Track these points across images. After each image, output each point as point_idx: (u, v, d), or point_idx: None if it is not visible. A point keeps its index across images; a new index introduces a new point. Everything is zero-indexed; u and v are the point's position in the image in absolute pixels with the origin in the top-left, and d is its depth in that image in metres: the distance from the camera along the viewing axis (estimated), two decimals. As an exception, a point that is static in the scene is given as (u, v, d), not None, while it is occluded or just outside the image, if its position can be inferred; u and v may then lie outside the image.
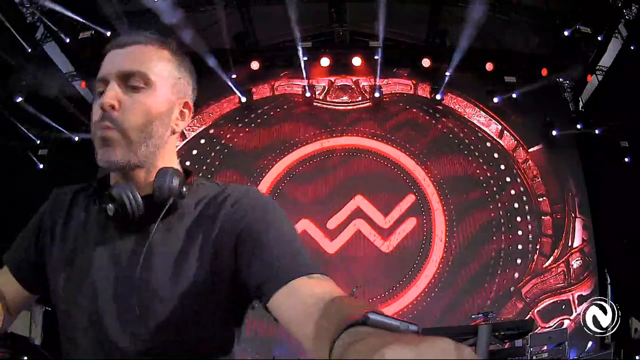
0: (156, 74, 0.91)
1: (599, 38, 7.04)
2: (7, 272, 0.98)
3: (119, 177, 0.92)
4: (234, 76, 7.82)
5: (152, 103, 0.89)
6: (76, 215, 0.96)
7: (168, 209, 0.87)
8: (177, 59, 0.96)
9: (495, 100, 7.92)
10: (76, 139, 7.48)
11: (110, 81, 0.88)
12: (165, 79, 0.92)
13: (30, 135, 6.95)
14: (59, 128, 7.06)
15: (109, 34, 6.74)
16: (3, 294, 0.96)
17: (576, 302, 7.31)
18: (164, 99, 0.91)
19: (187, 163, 8.23)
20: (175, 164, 0.95)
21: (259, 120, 8.17)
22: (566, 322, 7.16)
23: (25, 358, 6.06)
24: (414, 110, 8.24)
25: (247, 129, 8.19)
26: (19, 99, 6.31)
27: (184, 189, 0.89)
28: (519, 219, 7.80)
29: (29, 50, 6.36)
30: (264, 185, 7.90)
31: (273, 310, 0.78)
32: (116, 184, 0.91)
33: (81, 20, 6.53)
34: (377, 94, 7.89)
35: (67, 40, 6.94)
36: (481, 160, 8.04)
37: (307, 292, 0.74)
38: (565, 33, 6.89)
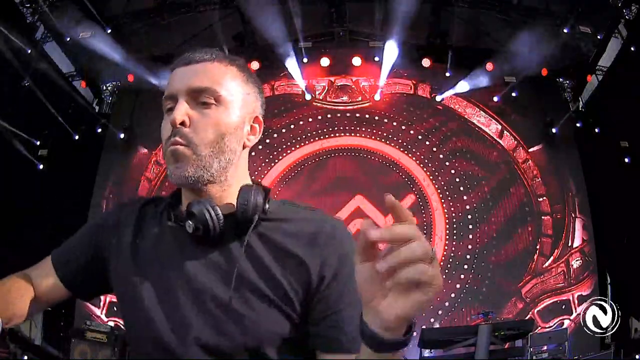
0: (225, 90, 0.91)
1: (599, 38, 7.03)
2: (49, 265, 1.02)
3: (189, 193, 0.92)
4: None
5: (223, 119, 0.90)
6: (147, 230, 0.95)
7: (243, 227, 0.87)
8: (245, 75, 0.97)
9: (495, 99, 7.92)
10: (76, 137, 7.49)
11: (179, 98, 0.89)
12: (234, 94, 0.92)
13: (30, 134, 6.95)
14: (63, 123, 7.04)
15: (109, 31, 6.75)
16: (39, 281, 0.99)
17: (576, 302, 7.31)
18: (234, 114, 0.92)
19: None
20: (247, 179, 0.96)
21: (259, 120, 8.15)
22: (566, 322, 7.16)
23: (25, 358, 6.06)
24: (414, 110, 8.24)
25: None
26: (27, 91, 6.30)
27: (267, 207, 0.89)
28: (519, 218, 7.80)
29: (29, 50, 6.36)
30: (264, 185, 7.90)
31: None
32: (194, 199, 0.89)
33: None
34: (377, 98, 7.90)
35: (67, 40, 6.94)
36: (481, 160, 8.04)
37: None
38: (565, 32, 6.89)
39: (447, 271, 7.49)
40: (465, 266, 7.54)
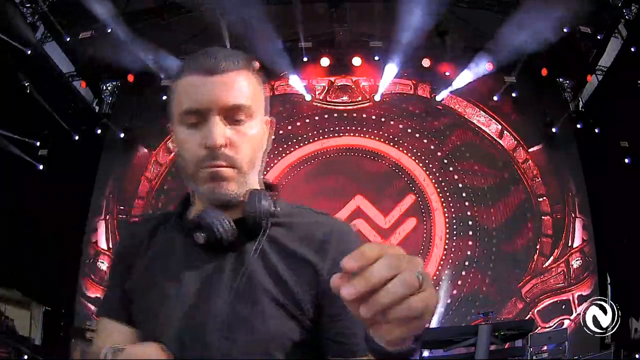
0: (254, 103, 0.89)
1: (599, 38, 7.03)
2: (108, 322, 0.93)
3: (207, 201, 0.89)
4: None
5: (255, 133, 0.89)
6: (158, 244, 0.93)
7: (255, 230, 0.86)
8: (259, 78, 0.93)
9: (495, 98, 7.92)
10: (76, 137, 7.49)
11: (211, 116, 0.84)
12: (259, 104, 0.91)
13: (30, 134, 6.95)
14: (62, 123, 7.04)
15: (109, 30, 6.75)
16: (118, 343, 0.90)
17: (576, 302, 7.31)
18: (260, 124, 0.91)
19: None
20: (259, 180, 0.95)
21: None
22: (566, 322, 7.16)
23: (26, 357, 6.07)
24: (414, 110, 8.24)
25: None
26: (27, 91, 6.30)
27: (277, 209, 0.88)
28: (519, 218, 7.80)
29: (29, 50, 6.36)
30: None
31: None
32: (205, 209, 0.87)
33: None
34: (377, 98, 7.90)
35: (67, 40, 6.94)
36: (481, 160, 8.04)
37: None
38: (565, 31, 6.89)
39: (447, 271, 7.49)
40: (465, 266, 7.54)
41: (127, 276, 0.93)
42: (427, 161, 7.98)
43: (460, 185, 7.90)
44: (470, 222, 7.78)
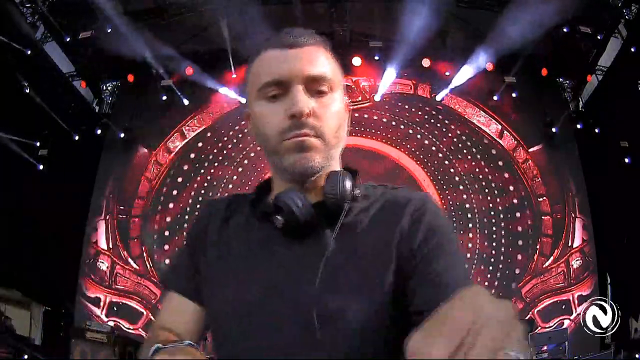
0: (335, 77, 0.88)
1: (599, 38, 7.03)
2: (177, 297, 0.91)
3: (296, 186, 0.85)
4: (234, 76, 7.82)
5: (337, 107, 0.87)
6: (234, 226, 0.90)
7: (338, 213, 0.82)
8: (335, 60, 0.91)
9: (495, 98, 7.92)
10: (76, 138, 7.49)
11: (293, 85, 0.83)
12: (339, 81, 0.90)
13: (30, 134, 6.95)
14: (62, 124, 7.05)
15: (109, 30, 6.75)
16: (182, 322, 0.89)
17: (576, 302, 7.31)
18: (342, 102, 0.90)
19: (186, 166, 8.28)
20: (340, 163, 0.93)
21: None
22: (566, 322, 7.16)
23: (26, 357, 6.07)
24: (414, 110, 8.24)
25: (247, 129, 8.19)
26: (26, 91, 6.30)
27: (357, 192, 0.85)
28: (519, 219, 7.80)
29: (29, 50, 6.36)
30: (264, 185, 7.90)
31: None
32: (283, 191, 0.84)
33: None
34: (377, 98, 7.90)
35: (67, 40, 6.94)
36: (481, 161, 8.04)
37: None
38: (565, 31, 6.89)
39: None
40: (465, 266, 7.54)
41: (200, 256, 0.90)
42: (427, 161, 7.98)
43: (460, 185, 7.90)
44: (470, 222, 7.78)
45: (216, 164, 8.16)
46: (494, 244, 7.68)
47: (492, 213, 7.82)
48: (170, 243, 7.97)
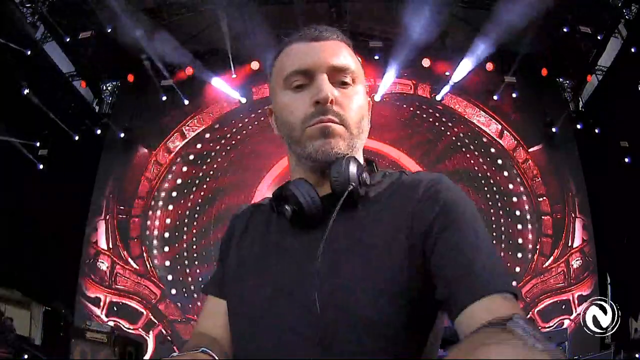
0: (358, 71, 0.90)
1: (599, 38, 7.03)
2: (211, 299, 0.95)
3: (316, 177, 0.86)
4: (234, 76, 7.83)
5: (360, 99, 0.88)
6: (254, 226, 0.93)
7: (352, 200, 0.80)
8: (357, 57, 0.93)
9: (495, 98, 7.92)
10: (76, 138, 7.50)
11: (318, 74, 0.85)
12: (361, 74, 0.91)
13: (31, 134, 6.95)
14: (62, 125, 7.05)
15: (109, 30, 6.75)
16: (218, 325, 0.90)
17: (576, 302, 7.31)
18: (364, 95, 0.91)
19: (186, 166, 8.28)
20: (361, 155, 0.94)
21: (262, 119, 8.18)
22: (566, 322, 7.16)
23: (26, 356, 6.07)
24: (414, 110, 8.24)
25: (247, 129, 8.19)
26: (26, 91, 6.30)
27: (364, 176, 0.83)
28: (519, 218, 7.80)
29: (29, 50, 6.36)
30: (265, 184, 7.91)
31: (457, 326, 0.68)
32: (295, 180, 0.85)
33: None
34: (377, 98, 7.90)
35: (67, 40, 6.94)
36: (481, 160, 8.04)
37: (492, 315, 0.63)
38: (565, 31, 6.89)
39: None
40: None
41: (227, 255, 0.94)
42: (427, 161, 7.98)
43: (460, 185, 7.88)
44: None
45: (216, 164, 8.16)
46: (494, 243, 7.67)
47: (492, 211, 7.82)
48: (170, 243, 7.97)
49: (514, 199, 7.90)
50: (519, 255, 7.67)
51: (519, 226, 7.78)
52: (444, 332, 0.79)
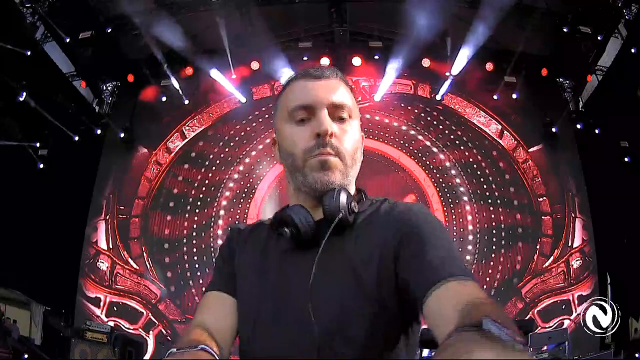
0: (354, 108, 1.00)
1: (599, 38, 7.03)
2: (214, 295, 1.00)
3: (312, 203, 0.96)
4: (234, 76, 7.83)
5: (355, 134, 0.98)
6: (256, 241, 1.02)
7: (342, 225, 0.91)
8: (354, 95, 1.03)
9: (495, 98, 7.92)
10: (76, 138, 7.49)
11: (319, 110, 0.95)
12: (356, 112, 1.01)
13: (31, 134, 6.95)
14: (62, 125, 7.05)
15: (109, 30, 6.74)
16: (221, 317, 0.97)
17: (576, 302, 7.31)
18: (359, 129, 1.01)
19: (186, 166, 8.28)
20: (354, 184, 1.02)
21: (260, 120, 8.17)
22: (566, 322, 7.15)
23: (26, 356, 6.08)
24: (414, 110, 8.24)
25: (247, 129, 8.19)
26: (23, 96, 6.30)
27: (353, 204, 0.93)
28: (519, 218, 7.80)
29: (29, 51, 6.36)
30: (265, 185, 7.91)
31: (426, 315, 0.78)
32: (292, 206, 0.95)
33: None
34: (377, 98, 7.90)
35: (67, 40, 6.93)
36: (481, 160, 8.04)
37: (456, 297, 0.74)
38: (565, 31, 6.89)
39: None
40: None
41: (232, 258, 1.03)
42: (427, 161, 7.98)
43: (460, 185, 7.90)
44: (470, 223, 7.78)
45: (216, 164, 8.16)
46: (494, 243, 7.68)
47: (492, 213, 7.82)
48: (170, 243, 7.97)
49: (514, 199, 7.90)
50: (519, 255, 7.67)
51: (519, 226, 7.78)
52: (427, 334, 0.84)
